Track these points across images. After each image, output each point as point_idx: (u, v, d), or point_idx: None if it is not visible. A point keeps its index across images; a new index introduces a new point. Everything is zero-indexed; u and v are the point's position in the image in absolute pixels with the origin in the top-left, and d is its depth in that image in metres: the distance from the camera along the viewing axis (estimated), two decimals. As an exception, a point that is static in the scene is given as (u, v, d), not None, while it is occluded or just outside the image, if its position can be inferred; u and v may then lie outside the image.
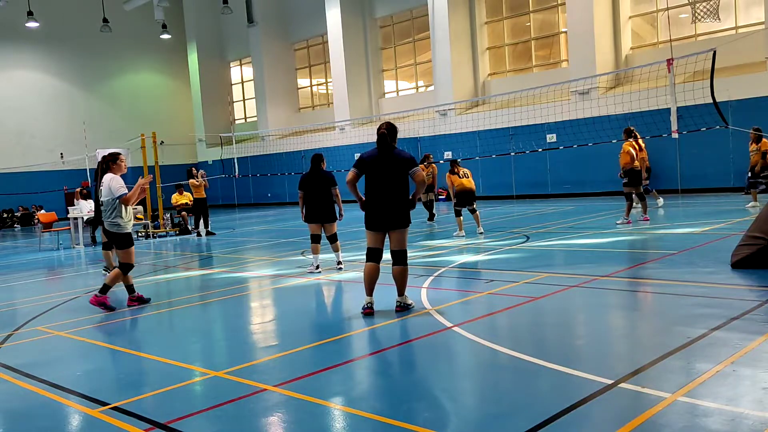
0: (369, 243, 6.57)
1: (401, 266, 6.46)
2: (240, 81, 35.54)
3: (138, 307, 7.80)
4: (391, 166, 6.38)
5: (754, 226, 7.46)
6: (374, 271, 6.52)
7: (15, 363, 5.62)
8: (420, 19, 26.64)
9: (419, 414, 3.86)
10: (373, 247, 6.53)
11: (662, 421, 3.46)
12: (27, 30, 28.56)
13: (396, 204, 6.38)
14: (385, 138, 6.44)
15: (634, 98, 18.09)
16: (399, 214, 6.38)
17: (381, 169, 6.40)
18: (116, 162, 7.90)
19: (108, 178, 7.70)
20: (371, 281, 6.52)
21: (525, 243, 10.94)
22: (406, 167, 6.37)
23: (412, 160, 6.42)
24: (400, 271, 6.46)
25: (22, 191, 29.30)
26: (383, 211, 6.39)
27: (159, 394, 4.56)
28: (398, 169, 6.38)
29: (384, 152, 6.44)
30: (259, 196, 31.99)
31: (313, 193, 9.18)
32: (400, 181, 6.40)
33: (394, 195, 6.38)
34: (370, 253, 6.56)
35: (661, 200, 15.55)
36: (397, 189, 6.39)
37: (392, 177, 6.38)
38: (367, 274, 6.53)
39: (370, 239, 6.55)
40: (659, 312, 5.87)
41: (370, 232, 6.53)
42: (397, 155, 6.41)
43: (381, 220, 6.43)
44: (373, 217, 6.46)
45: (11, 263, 14.22)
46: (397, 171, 6.38)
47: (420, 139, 24.90)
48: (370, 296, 6.54)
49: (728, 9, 18.57)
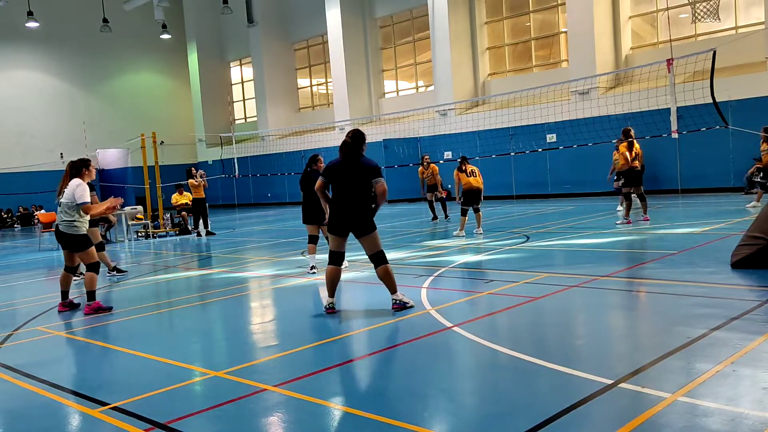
0: (331, 246, 6.69)
1: (382, 266, 6.53)
2: (240, 81, 35.54)
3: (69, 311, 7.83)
4: (355, 173, 6.48)
5: (754, 226, 7.46)
6: (335, 273, 6.65)
7: (15, 363, 5.62)
8: (420, 19, 26.64)
9: (419, 414, 3.86)
10: (335, 251, 6.64)
11: (662, 421, 3.46)
12: (27, 30, 28.55)
13: (358, 210, 6.45)
14: (347, 145, 6.54)
15: (634, 98, 18.09)
16: (361, 220, 6.46)
17: (344, 176, 6.51)
18: (88, 168, 8.00)
19: (75, 183, 7.70)
20: (332, 283, 6.65)
21: (525, 243, 10.94)
22: (369, 176, 6.45)
23: (376, 170, 6.49)
24: (382, 271, 6.54)
25: (22, 191, 29.29)
26: (345, 216, 6.49)
27: (159, 394, 4.55)
28: (361, 177, 6.47)
29: (348, 160, 6.54)
30: (259, 196, 31.99)
31: (310, 194, 9.17)
32: (362, 188, 6.47)
33: (355, 201, 6.46)
34: (332, 256, 6.66)
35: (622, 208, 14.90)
36: (359, 196, 6.47)
37: (355, 184, 6.46)
38: (328, 276, 6.67)
39: (333, 243, 6.66)
40: (659, 312, 5.87)
41: (333, 236, 6.63)
42: (362, 163, 6.51)
43: (343, 225, 6.52)
44: (335, 222, 6.55)
45: (11, 263, 14.23)
46: (359, 179, 6.46)
47: (420, 139, 24.90)
48: (332, 297, 6.67)
49: (728, 9, 18.57)
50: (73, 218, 7.62)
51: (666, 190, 19.03)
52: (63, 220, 7.64)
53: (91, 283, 7.72)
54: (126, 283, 10.04)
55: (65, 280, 7.96)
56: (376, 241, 6.56)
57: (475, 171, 12.64)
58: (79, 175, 7.88)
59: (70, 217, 7.63)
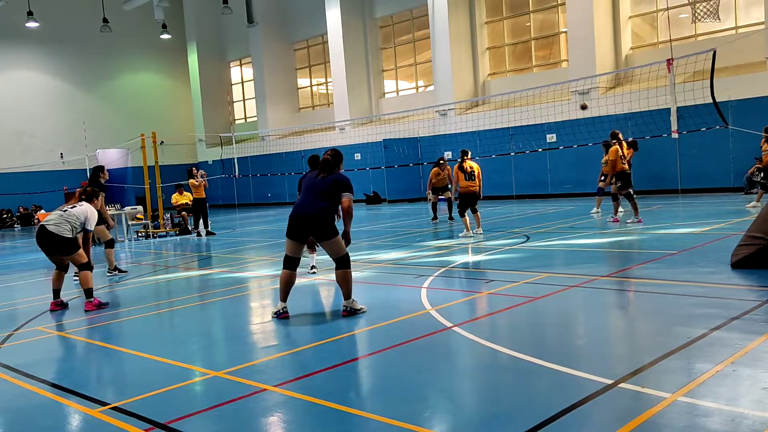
0: (287, 251, 6.63)
1: (341, 270, 6.50)
2: (240, 81, 35.54)
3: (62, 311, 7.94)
4: (325, 182, 6.50)
5: (754, 226, 7.46)
6: (288, 277, 6.61)
7: (15, 363, 5.62)
8: (420, 19, 26.64)
9: (419, 414, 3.86)
10: (290, 256, 6.61)
11: (662, 421, 3.46)
12: (27, 30, 28.56)
13: (318, 216, 6.40)
14: (327, 163, 6.59)
15: (634, 98, 18.10)
16: (321, 226, 6.40)
17: (314, 183, 6.56)
18: (98, 198, 8.41)
19: (90, 210, 8.04)
20: (285, 287, 6.62)
21: (525, 243, 10.94)
22: (339, 189, 6.49)
23: (346, 185, 6.51)
24: (340, 274, 6.51)
25: (22, 191, 29.30)
26: (304, 222, 6.44)
27: (159, 394, 4.55)
28: (330, 188, 6.48)
29: (323, 170, 6.60)
30: (259, 196, 31.99)
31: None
32: (328, 197, 6.47)
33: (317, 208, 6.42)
34: (286, 261, 6.64)
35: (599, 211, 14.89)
36: (323, 203, 6.44)
37: (321, 192, 6.47)
38: (281, 280, 6.64)
39: (288, 247, 6.61)
40: (659, 312, 5.87)
41: (289, 240, 6.58)
42: (334, 177, 6.54)
43: (301, 230, 6.48)
44: (293, 227, 6.52)
45: (11, 263, 14.22)
46: (328, 189, 6.48)
47: (420, 139, 24.90)
48: (284, 302, 6.63)
49: (728, 9, 18.56)
50: (69, 227, 7.77)
51: (666, 190, 19.03)
52: (56, 224, 7.74)
53: (87, 281, 7.84)
54: (126, 282, 10.04)
55: (57, 278, 8.02)
56: (340, 245, 6.50)
57: (475, 170, 12.53)
58: (90, 201, 8.24)
59: (69, 228, 7.78)
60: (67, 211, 7.89)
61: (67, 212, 7.88)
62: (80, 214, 7.92)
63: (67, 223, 7.78)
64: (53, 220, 7.78)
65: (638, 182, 19.53)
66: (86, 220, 7.91)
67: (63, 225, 7.74)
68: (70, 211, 7.90)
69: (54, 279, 8.03)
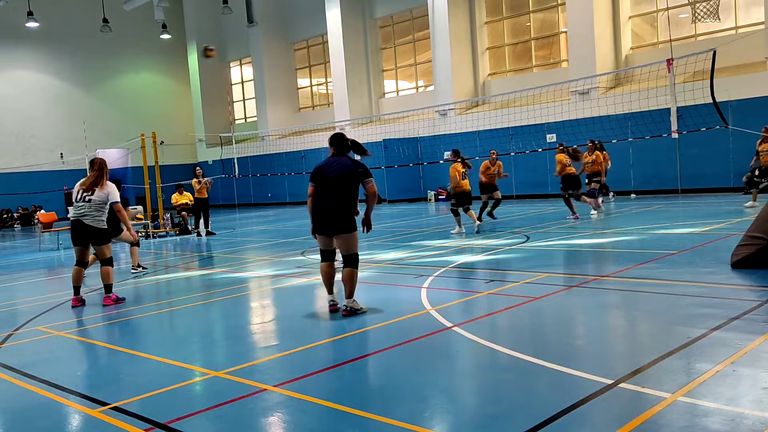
0: (319, 245, 6.73)
1: (349, 268, 6.56)
2: (240, 81, 35.54)
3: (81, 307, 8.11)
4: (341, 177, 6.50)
5: (754, 226, 7.46)
6: (328, 269, 6.71)
7: (15, 363, 5.62)
8: (420, 19, 26.64)
9: (419, 414, 3.86)
10: (324, 249, 6.69)
11: (662, 421, 3.46)
12: (27, 30, 28.56)
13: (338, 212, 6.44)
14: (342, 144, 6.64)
15: (634, 98, 18.09)
16: (342, 220, 6.45)
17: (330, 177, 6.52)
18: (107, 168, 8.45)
19: (108, 187, 8.11)
20: (328, 279, 6.72)
21: (525, 243, 10.94)
22: (356, 179, 6.53)
23: (364, 173, 6.54)
24: (347, 273, 6.56)
25: (22, 191, 29.30)
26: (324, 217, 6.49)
27: (159, 394, 4.55)
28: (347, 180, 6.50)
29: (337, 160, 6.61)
30: (259, 196, 31.99)
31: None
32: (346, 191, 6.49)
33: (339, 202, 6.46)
34: (322, 254, 6.74)
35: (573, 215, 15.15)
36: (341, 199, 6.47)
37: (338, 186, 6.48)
38: (322, 273, 6.76)
39: (320, 242, 6.69)
40: (659, 312, 5.87)
41: (319, 236, 6.65)
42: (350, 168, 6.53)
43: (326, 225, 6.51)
44: (319, 222, 6.56)
45: (11, 263, 14.22)
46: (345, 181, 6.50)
47: (420, 139, 24.90)
48: (331, 294, 6.75)
49: (728, 9, 18.56)
50: (102, 215, 8.02)
51: (666, 190, 19.03)
52: (90, 215, 7.95)
53: (108, 276, 8.12)
54: (126, 282, 10.04)
55: (78, 275, 8.22)
56: (354, 242, 6.56)
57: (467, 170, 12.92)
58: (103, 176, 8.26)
59: (100, 214, 8.00)
60: (91, 201, 7.99)
61: (91, 202, 7.99)
62: (103, 196, 8.03)
63: (98, 212, 7.99)
64: (87, 215, 7.94)
65: (638, 182, 19.60)
66: (108, 196, 8.04)
67: (96, 216, 7.97)
68: (93, 200, 8.00)
69: (74, 276, 8.22)
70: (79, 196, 8.04)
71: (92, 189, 8.04)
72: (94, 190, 8.03)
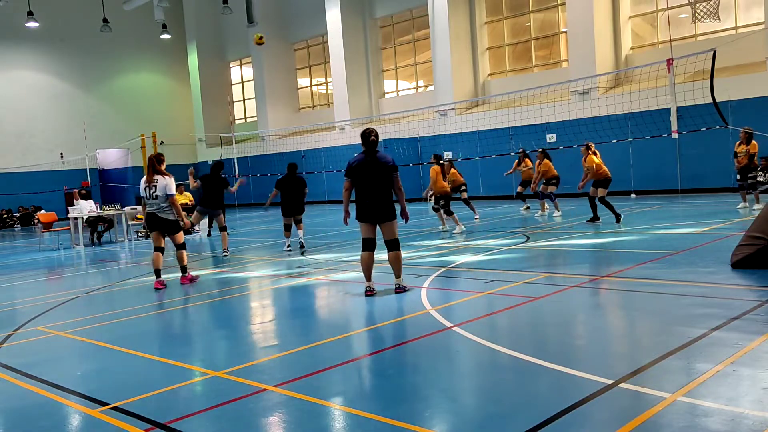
0: (363, 234, 7.41)
1: (394, 251, 7.33)
2: (240, 81, 35.54)
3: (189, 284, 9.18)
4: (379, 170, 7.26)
5: (754, 226, 7.46)
6: (368, 258, 7.39)
7: (15, 363, 5.63)
8: (420, 19, 26.64)
9: (419, 414, 3.86)
10: (366, 237, 7.38)
11: (662, 421, 3.46)
12: (27, 30, 28.56)
13: (382, 201, 7.25)
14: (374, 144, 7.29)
15: (634, 98, 18.10)
16: (385, 209, 7.26)
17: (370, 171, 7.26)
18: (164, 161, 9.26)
19: (164, 181, 8.87)
20: (368, 267, 7.39)
21: (525, 243, 10.94)
22: (389, 171, 7.28)
23: (393, 167, 7.29)
24: (393, 255, 7.34)
25: (22, 191, 29.30)
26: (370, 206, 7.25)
27: (159, 394, 4.56)
28: (383, 173, 7.27)
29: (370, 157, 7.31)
30: (259, 196, 31.95)
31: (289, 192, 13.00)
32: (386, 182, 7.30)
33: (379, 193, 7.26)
34: (364, 243, 7.40)
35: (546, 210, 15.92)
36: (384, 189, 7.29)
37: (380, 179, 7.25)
38: (363, 262, 7.42)
39: (364, 230, 7.39)
40: (659, 312, 5.87)
41: (363, 224, 7.37)
42: (384, 161, 7.29)
43: (370, 214, 7.28)
44: (364, 211, 7.32)
45: (11, 263, 14.22)
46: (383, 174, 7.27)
47: (420, 139, 24.89)
48: (369, 281, 7.40)
49: (728, 9, 18.56)
50: (169, 207, 8.89)
51: (666, 190, 19.03)
52: (161, 209, 8.88)
53: (182, 258, 9.22)
54: (126, 282, 10.04)
55: (157, 260, 9.05)
56: (396, 228, 7.37)
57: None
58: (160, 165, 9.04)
59: (167, 206, 8.88)
60: (157, 197, 8.81)
61: (157, 198, 8.81)
62: (162, 190, 8.82)
63: (165, 204, 8.85)
64: (160, 209, 8.86)
65: (638, 182, 19.59)
66: (166, 188, 8.81)
67: (164, 210, 8.88)
68: (158, 195, 8.80)
69: (154, 260, 9.06)
70: (147, 193, 8.88)
71: (152, 185, 8.83)
72: (155, 186, 8.82)
